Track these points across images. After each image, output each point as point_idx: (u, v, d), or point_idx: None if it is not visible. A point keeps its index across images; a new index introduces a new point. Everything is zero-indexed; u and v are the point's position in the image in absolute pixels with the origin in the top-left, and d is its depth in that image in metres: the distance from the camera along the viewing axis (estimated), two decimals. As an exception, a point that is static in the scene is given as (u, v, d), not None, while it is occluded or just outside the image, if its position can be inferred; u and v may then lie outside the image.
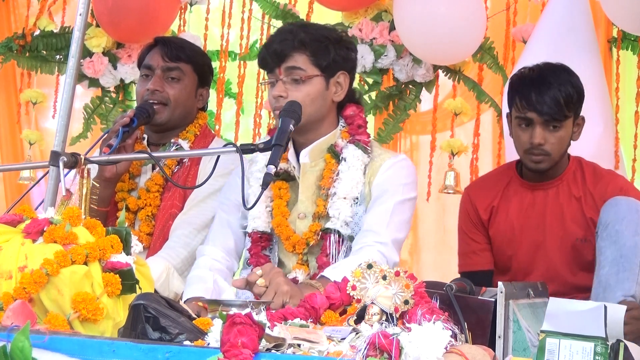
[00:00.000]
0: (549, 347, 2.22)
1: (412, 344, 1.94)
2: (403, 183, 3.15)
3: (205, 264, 3.18)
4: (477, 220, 3.62)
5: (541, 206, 3.53)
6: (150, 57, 3.66)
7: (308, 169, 3.15)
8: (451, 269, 4.79)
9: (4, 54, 5.01)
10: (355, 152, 3.13)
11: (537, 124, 3.43)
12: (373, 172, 3.14)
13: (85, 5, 3.02)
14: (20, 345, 1.97)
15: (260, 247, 3.17)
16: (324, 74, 3.11)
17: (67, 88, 2.98)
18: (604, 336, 2.21)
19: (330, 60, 3.11)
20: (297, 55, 3.09)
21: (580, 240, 3.46)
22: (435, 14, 4.27)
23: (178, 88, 3.62)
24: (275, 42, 3.11)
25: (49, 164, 2.83)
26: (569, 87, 3.43)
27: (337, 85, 3.15)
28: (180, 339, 2.12)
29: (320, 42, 3.12)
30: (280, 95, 3.07)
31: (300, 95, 3.07)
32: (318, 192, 3.14)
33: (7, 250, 2.41)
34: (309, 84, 3.09)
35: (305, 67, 3.09)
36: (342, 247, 3.07)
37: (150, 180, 3.57)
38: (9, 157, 5.25)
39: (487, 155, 4.67)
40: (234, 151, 2.90)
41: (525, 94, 3.44)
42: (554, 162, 3.48)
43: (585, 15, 4.17)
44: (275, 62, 3.09)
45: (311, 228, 3.11)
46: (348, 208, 3.08)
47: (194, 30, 4.95)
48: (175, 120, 3.62)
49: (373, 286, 2.23)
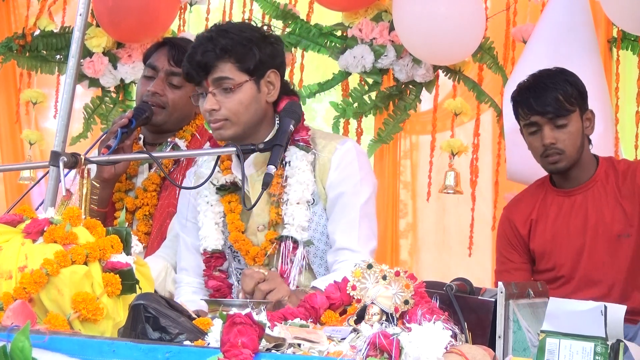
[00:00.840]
0: (549, 347, 2.22)
1: (412, 344, 1.94)
2: (359, 179, 3.04)
3: (187, 292, 3.15)
4: (515, 237, 3.64)
5: (580, 210, 3.55)
6: (157, 58, 3.62)
7: (255, 179, 3.05)
8: (451, 269, 4.81)
9: (4, 54, 5.01)
10: (297, 153, 3.02)
11: (543, 125, 3.49)
12: (323, 168, 3.04)
13: (85, 6, 3.01)
14: (20, 345, 1.97)
15: (212, 267, 3.11)
16: (253, 77, 2.99)
17: (68, 88, 2.98)
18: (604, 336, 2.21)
19: (257, 62, 2.98)
20: (222, 64, 2.96)
21: (623, 236, 3.48)
22: (435, 14, 4.27)
23: (179, 94, 3.58)
24: (198, 54, 2.96)
25: (49, 164, 2.83)
26: (566, 85, 3.50)
27: (268, 85, 3.03)
28: (180, 339, 2.12)
29: (243, 45, 2.98)
30: (213, 108, 2.96)
31: (233, 104, 2.97)
32: (269, 200, 3.05)
33: (7, 250, 2.41)
34: (239, 91, 2.97)
35: (233, 75, 2.96)
36: (297, 252, 2.99)
37: (147, 180, 3.57)
38: (9, 157, 5.25)
39: (487, 155, 4.67)
40: (233, 151, 2.90)
41: (525, 101, 3.53)
42: (572, 159, 3.51)
43: (585, 15, 4.17)
44: (201, 75, 2.97)
45: (267, 237, 3.03)
46: (302, 212, 2.99)
47: (194, 30, 4.95)
48: (172, 122, 3.61)
49: (373, 286, 2.23)
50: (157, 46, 3.67)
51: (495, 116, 4.53)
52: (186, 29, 4.97)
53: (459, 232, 4.82)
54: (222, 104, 2.97)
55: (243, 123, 2.99)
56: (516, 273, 3.62)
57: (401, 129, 4.72)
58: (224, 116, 2.97)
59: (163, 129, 3.61)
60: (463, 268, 4.54)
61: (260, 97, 3.02)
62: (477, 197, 4.57)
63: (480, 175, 4.56)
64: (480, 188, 4.60)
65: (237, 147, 2.85)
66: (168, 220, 3.51)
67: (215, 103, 2.97)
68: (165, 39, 3.74)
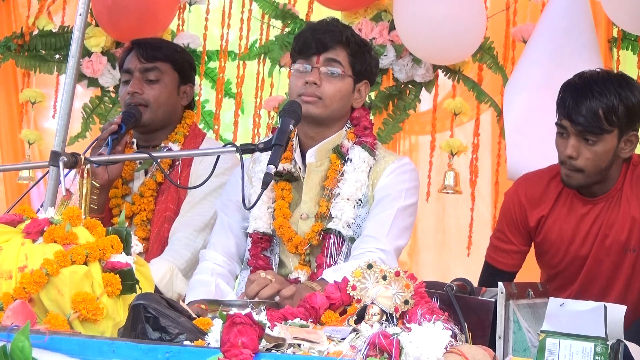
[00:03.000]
0: (549, 347, 2.22)
1: (412, 344, 1.94)
2: (405, 188, 3.15)
3: (207, 269, 3.18)
4: (523, 225, 3.46)
5: (592, 219, 3.34)
6: (129, 61, 3.65)
7: (313, 169, 3.16)
8: (451, 269, 4.80)
9: (3, 54, 5.01)
10: (361, 153, 3.14)
11: (571, 134, 3.19)
12: (377, 174, 3.14)
13: (85, 6, 3.02)
14: (20, 345, 1.97)
15: (260, 248, 3.17)
16: (354, 78, 3.16)
17: (67, 88, 2.98)
18: (604, 336, 2.21)
19: (365, 66, 3.17)
20: (339, 49, 3.13)
21: (632, 250, 3.30)
22: (435, 14, 4.26)
23: (158, 89, 3.61)
24: (320, 31, 3.14)
25: (49, 164, 2.83)
26: (613, 98, 3.14)
27: (359, 92, 3.20)
28: (180, 339, 2.12)
29: (360, 46, 3.18)
30: (315, 82, 3.09)
31: (333, 89, 3.11)
32: (322, 192, 3.14)
33: (7, 250, 2.41)
34: (342, 81, 3.13)
35: (344, 63, 3.13)
36: (343, 248, 3.07)
37: (144, 186, 3.57)
38: (9, 157, 5.25)
39: (487, 155, 4.67)
40: (233, 151, 2.90)
41: (564, 100, 3.21)
42: (589, 180, 3.24)
43: (585, 15, 4.17)
44: (318, 49, 3.11)
45: (313, 228, 3.11)
46: (351, 209, 3.08)
47: (193, 30, 4.95)
48: (159, 120, 3.61)
49: (373, 286, 2.23)
50: (127, 51, 3.70)
51: (495, 116, 4.52)
52: (185, 28, 4.96)
53: (459, 232, 4.81)
54: (324, 83, 3.10)
55: (331, 110, 3.12)
56: (514, 256, 3.50)
57: (401, 129, 4.71)
58: (322, 94, 3.10)
59: (152, 128, 3.61)
60: (463, 268, 4.54)
61: (350, 98, 3.18)
62: (477, 197, 4.57)
63: (480, 175, 4.55)
64: (479, 188, 4.59)
65: (237, 147, 2.85)
66: (166, 224, 3.51)
67: (319, 79, 3.10)
68: (132, 42, 3.76)
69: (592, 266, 3.39)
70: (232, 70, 4.94)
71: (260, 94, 4.85)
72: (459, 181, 4.48)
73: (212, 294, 3.03)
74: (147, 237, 3.53)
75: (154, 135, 3.64)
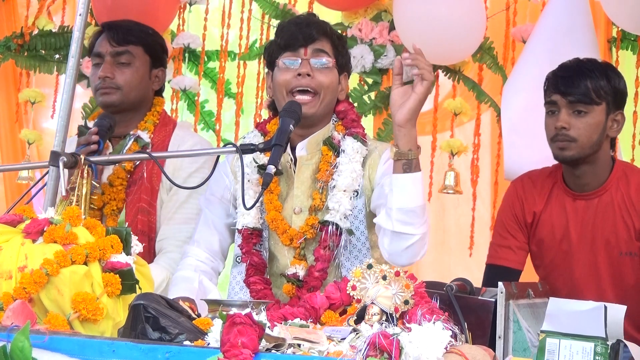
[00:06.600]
0: (549, 347, 2.22)
1: (412, 344, 1.94)
2: None
3: (191, 265, 3.18)
4: (522, 220, 3.48)
5: (582, 217, 3.38)
6: (99, 44, 3.59)
7: (304, 162, 3.14)
8: (451, 269, 4.81)
9: (3, 53, 5.01)
10: (354, 144, 3.12)
11: (562, 107, 3.30)
12: (373, 163, 3.13)
13: (85, 6, 3.02)
14: (20, 345, 1.97)
15: (252, 244, 3.15)
16: (338, 69, 3.17)
17: (67, 88, 2.98)
18: (604, 336, 2.21)
19: (345, 58, 3.21)
20: (324, 40, 3.15)
21: (625, 254, 3.32)
22: (435, 14, 4.27)
23: (129, 72, 3.55)
24: (304, 24, 3.15)
25: (48, 164, 2.83)
26: (602, 77, 3.30)
27: (341, 84, 3.20)
28: (180, 339, 2.12)
29: (339, 38, 3.22)
30: (308, 73, 3.09)
31: (326, 80, 3.12)
32: (314, 185, 3.12)
33: (7, 250, 2.41)
34: (331, 72, 3.14)
35: (330, 54, 3.15)
36: (341, 240, 3.05)
37: (113, 175, 3.48)
38: (8, 157, 5.25)
39: (486, 155, 4.67)
40: (233, 151, 2.90)
41: (554, 77, 3.36)
42: (583, 151, 3.30)
43: (585, 15, 4.17)
44: (306, 41, 3.12)
45: (308, 221, 3.08)
46: (348, 201, 3.06)
47: (193, 30, 4.95)
48: (129, 103, 3.54)
49: (373, 286, 2.23)
50: (97, 35, 3.63)
51: (495, 116, 4.52)
52: (185, 28, 4.97)
53: (459, 232, 4.81)
54: (315, 74, 3.10)
55: (327, 102, 3.13)
56: (518, 252, 3.48)
57: (401, 129, 4.70)
58: (316, 86, 3.10)
59: (121, 109, 3.54)
60: (463, 268, 4.54)
61: (337, 90, 3.19)
62: (476, 197, 4.57)
63: (479, 175, 4.55)
64: (478, 188, 4.59)
65: (237, 147, 2.85)
66: (140, 215, 3.43)
67: (310, 70, 3.10)
68: (102, 25, 3.71)
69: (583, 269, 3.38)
70: (232, 70, 4.94)
71: (260, 94, 4.85)
72: (459, 181, 4.48)
73: (196, 290, 3.02)
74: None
75: (123, 121, 3.54)
